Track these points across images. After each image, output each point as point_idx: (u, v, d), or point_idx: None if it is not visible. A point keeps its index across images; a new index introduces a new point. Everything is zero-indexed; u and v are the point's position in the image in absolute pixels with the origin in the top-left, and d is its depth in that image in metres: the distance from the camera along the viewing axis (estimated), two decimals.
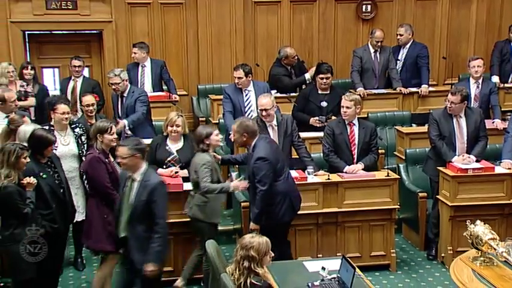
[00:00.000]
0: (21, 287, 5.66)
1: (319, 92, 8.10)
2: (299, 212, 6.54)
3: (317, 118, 7.93)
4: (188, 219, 6.33)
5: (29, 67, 8.68)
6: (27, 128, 5.97)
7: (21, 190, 5.46)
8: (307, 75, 9.16)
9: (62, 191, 5.94)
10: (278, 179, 6.04)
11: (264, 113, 6.82)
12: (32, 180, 5.53)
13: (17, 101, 7.16)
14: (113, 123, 6.16)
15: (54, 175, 5.92)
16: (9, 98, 7.04)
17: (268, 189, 5.92)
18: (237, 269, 4.46)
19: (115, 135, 6.08)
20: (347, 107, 6.87)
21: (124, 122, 7.65)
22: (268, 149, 6.03)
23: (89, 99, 7.33)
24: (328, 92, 8.09)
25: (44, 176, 5.75)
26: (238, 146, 6.44)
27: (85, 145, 6.72)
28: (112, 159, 6.04)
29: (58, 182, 5.93)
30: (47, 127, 6.63)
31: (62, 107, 6.64)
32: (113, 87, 7.91)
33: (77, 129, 6.70)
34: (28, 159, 5.56)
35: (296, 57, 9.30)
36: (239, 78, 7.92)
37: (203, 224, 6.10)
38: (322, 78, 8.02)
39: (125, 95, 7.93)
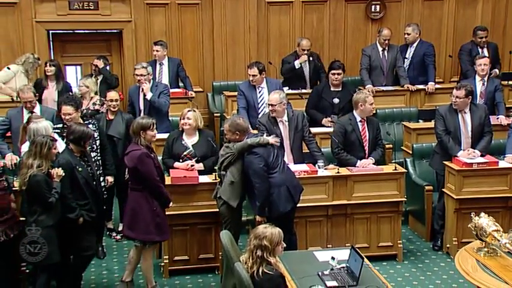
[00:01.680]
0: (47, 270, 5.74)
1: (332, 89, 8.11)
2: (310, 204, 6.58)
3: (329, 119, 7.92)
4: (204, 211, 6.40)
5: (48, 64, 8.72)
6: (38, 125, 5.93)
7: (48, 180, 5.54)
8: (296, 62, 9.18)
9: (94, 182, 6.04)
10: (273, 172, 6.00)
11: (270, 108, 6.83)
12: (60, 171, 5.60)
13: (32, 102, 7.11)
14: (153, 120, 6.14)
15: (87, 168, 6.00)
16: (25, 98, 7.09)
17: (263, 182, 5.89)
18: (251, 258, 4.47)
19: (156, 131, 6.12)
20: (373, 103, 6.95)
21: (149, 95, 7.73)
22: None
23: (114, 94, 7.36)
24: (340, 89, 8.11)
25: (80, 169, 5.85)
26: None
27: (96, 141, 6.76)
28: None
29: (91, 174, 6.02)
30: (60, 125, 6.68)
31: (64, 108, 6.63)
32: (138, 78, 7.88)
33: (90, 126, 6.69)
34: (58, 149, 5.67)
35: (307, 51, 9.25)
36: (253, 75, 7.92)
37: (222, 203, 6.08)
38: (334, 74, 8.05)
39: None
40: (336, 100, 8.04)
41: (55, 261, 5.66)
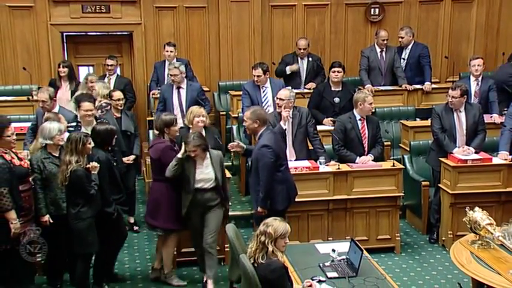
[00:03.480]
0: (87, 259, 5.84)
1: (332, 88, 8.11)
2: (312, 199, 6.59)
3: (331, 119, 7.93)
4: None
5: (61, 65, 8.75)
6: (51, 125, 5.87)
7: (87, 173, 5.61)
8: (287, 68, 9.15)
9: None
10: (279, 169, 6.00)
11: (279, 102, 6.81)
12: (96, 164, 5.66)
13: (46, 103, 7.08)
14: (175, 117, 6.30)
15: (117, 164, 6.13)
16: (39, 98, 7.12)
17: (270, 176, 5.90)
18: (255, 243, 4.48)
19: (178, 127, 6.17)
20: (373, 103, 6.94)
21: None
22: (273, 139, 6.01)
23: (119, 94, 7.39)
24: (341, 88, 8.12)
25: (116, 164, 5.97)
26: (249, 133, 6.38)
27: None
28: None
29: (120, 168, 6.18)
30: (74, 123, 6.71)
31: (86, 105, 6.71)
32: (172, 78, 8.01)
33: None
34: (92, 144, 5.73)
35: (303, 50, 9.25)
36: (258, 76, 7.93)
37: None
38: (334, 72, 8.09)
39: (183, 86, 8.03)
40: (337, 99, 8.05)
41: (94, 251, 5.76)
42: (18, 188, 5.53)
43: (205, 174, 5.93)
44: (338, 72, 8.07)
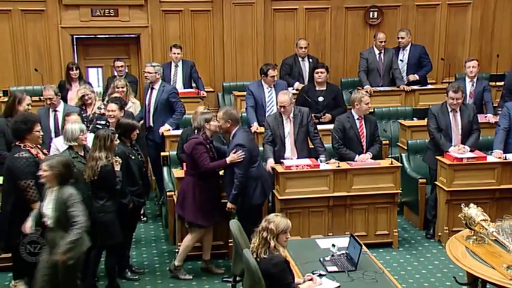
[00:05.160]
0: (112, 249, 5.87)
1: (317, 88, 8.11)
2: (312, 196, 6.59)
3: (313, 115, 7.88)
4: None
5: (74, 68, 8.75)
6: (73, 126, 5.83)
7: (114, 169, 5.65)
8: (295, 84, 9.16)
9: (144, 169, 6.19)
10: (253, 166, 6.09)
11: (282, 109, 6.84)
12: (119, 159, 5.71)
13: (52, 99, 7.09)
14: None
15: (138, 156, 6.13)
16: (45, 95, 7.14)
17: (245, 173, 5.99)
18: (258, 239, 4.49)
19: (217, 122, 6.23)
20: (369, 103, 6.92)
21: (167, 127, 7.74)
22: (246, 138, 6.07)
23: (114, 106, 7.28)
24: (325, 88, 8.11)
25: (133, 157, 5.97)
26: (222, 131, 6.37)
27: None
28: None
29: (142, 162, 6.18)
30: (103, 122, 6.73)
31: (109, 106, 6.76)
32: (145, 75, 7.95)
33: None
34: (118, 141, 5.79)
35: (304, 48, 9.28)
36: (274, 76, 7.96)
37: None
38: (317, 73, 8.10)
39: (155, 87, 7.87)
40: (321, 98, 8.03)
41: (119, 241, 5.80)
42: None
43: None
44: (321, 73, 8.07)
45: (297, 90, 8.91)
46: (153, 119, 7.84)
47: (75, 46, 9.96)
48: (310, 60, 9.36)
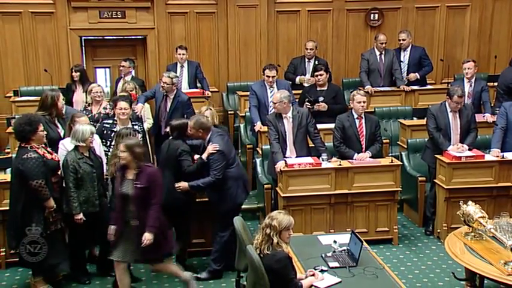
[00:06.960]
0: None
1: (318, 88, 8.07)
2: (314, 193, 6.59)
3: (306, 100, 7.84)
4: None
5: (74, 70, 8.77)
6: (83, 127, 5.79)
7: None
8: (297, 79, 9.14)
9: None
10: (231, 167, 6.07)
11: (271, 105, 6.84)
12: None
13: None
14: None
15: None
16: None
17: (221, 177, 5.96)
18: (261, 235, 4.49)
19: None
20: (364, 102, 6.87)
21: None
22: (221, 142, 6.02)
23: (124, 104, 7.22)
24: (326, 88, 8.06)
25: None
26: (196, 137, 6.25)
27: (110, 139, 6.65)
28: None
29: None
30: (110, 121, 6.71)
31: (120, 104, 6.68)
32: (161, 84, 7.80)
33: (136, 127, 6.69)
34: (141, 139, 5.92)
35: (310, 50, 9.24)
36: (273, 76, 7.92)
37: None
38: (317, 76, 8.04)
39: (170, 96, 7.75)
40: (321, 98, 8.00)
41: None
42: (51, 180, 5.61)
43: None
44: (320, 75, 7.98)
45: (300, 83, 8.98)
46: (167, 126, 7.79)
47: (83, 47, 9.97)
48: (317, 62, 9.33)
